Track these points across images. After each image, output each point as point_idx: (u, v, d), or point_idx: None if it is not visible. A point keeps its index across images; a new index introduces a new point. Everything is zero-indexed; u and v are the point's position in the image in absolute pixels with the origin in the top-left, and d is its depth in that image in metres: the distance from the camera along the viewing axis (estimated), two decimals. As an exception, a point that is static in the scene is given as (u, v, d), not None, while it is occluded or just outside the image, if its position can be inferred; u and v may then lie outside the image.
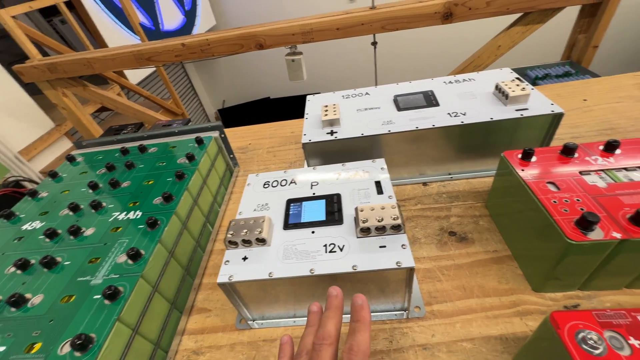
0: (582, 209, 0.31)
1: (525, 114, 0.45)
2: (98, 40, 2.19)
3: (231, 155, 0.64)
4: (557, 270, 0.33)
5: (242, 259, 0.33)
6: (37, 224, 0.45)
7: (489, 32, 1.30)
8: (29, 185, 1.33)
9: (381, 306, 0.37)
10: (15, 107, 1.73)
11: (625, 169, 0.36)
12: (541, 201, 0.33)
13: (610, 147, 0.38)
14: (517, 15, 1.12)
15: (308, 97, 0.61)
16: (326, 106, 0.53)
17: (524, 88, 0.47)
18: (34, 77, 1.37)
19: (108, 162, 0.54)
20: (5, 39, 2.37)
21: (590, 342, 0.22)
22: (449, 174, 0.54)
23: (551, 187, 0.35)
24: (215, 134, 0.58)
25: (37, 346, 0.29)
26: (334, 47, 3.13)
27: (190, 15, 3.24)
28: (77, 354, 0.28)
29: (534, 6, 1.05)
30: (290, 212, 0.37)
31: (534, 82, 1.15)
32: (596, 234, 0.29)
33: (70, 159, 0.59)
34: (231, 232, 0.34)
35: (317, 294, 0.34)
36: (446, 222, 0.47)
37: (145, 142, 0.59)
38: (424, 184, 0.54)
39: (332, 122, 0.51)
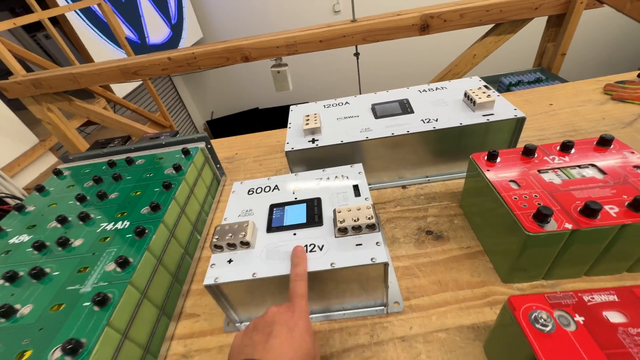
0: (538, 204, 0.35)
1: (491, 118, 0.49)
2: (83, 55, 2.19)
3: (218, 165, 0.65)
4: (520, 261, 0.36)
5: (228, 261, 0.34)
6: (25, 237, 0.45)
7: (465, 41, 1.36)
8: (11, 202, 1.31)
9: (363, 303, 0.39)
10: (-3, 123, 1.71)
11: (579, 166, 0.39)
12: (504, 198, 0.36)
13: (565, 148, 0.41)
14: (490, 26, 1.19)
15: (291, 108, 0.64)
16: (308, 115, 0.55)
17: (489, 95, 0.51)
18: (18, 93, 1.37)
19: (95, 174, 0.55)
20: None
21: (541, 320, 0.25)
22: (427, 177, 0.57)
23: (513, 185, 0.38)
24: (202, 144, 0.60)
25: (28, 354, 0.30)
26: (319, 57, 3.20)
27: (176, 29, 3.26)
28: (68, 358, 0.29)
29: (504, 18, 1.12)
30: (273, 216, 0.39)
31: (508, 88, 1.21)
32: (551, 226, 0.32)
33: (57, 172, 0.59)
34: (217, 237, 0.35)
35: (300, 293, 0.36)
36: (423, 222, 0.49)
37: (132, 155, 0.60)
38: (403, 186, 0.57)
39: (314, 131, 0.53)
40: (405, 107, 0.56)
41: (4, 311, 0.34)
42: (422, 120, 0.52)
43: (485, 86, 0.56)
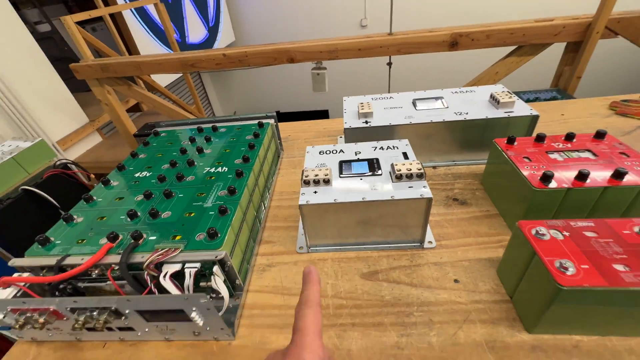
0: (545, 170, 0.47)
1: (511, 115, 0.61)
2: (132, 49, 2.41)
3: (279, 140, 0.79)
4: (528, 213, 0.48)
5: (314, 192, 0.48)
6: (146, 173, 0.60)
7: (488, 59, 1.50)
8: (74, 168, 1.48)
9: (403, 240, 0.51)
10: (57, 100, 1.91)
11: (577, 150, 0.51)
12: (518, 167, 0.49)
13: (569, 137, 0.54)
14: (513, 47, 1.32)
15: (344, 98, 0.78)
16: (362, 103, 0.69)
17: (511, 97, 0.64)
18: (87, 75, 1.55)
19: (190, 135, 0.70)
20: (46, 41, 2.59)
21: (540, 232, 0.37)
22: (454, 161, 0.69)
23: (525, 160, 0.51)
24: (272, 121, 0.75)
25: (178, 237, 0.44)
26: (348, 68, 3.38)
27: (212, 31, 3.50)
28: (209, 239, 0.42)
29: (526, 41, 1.25)
30: (343, 168, 0.52)
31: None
32: (552, 185, 0.45)
33: (155, 133, 0.74)
34: (306, 174, 0.49)
35: (358, 230, 0.49)
36: (451, 192, 0.62)
37: (215, 124, 0.75)
38: (434, 167, 0.69)
39: (367, 115, 0.67)
40: (441, 103, 0.69)
41: (153, 213, 0.47)
42: (455, 113, 0.65)
43: (507, 91, 0.69)
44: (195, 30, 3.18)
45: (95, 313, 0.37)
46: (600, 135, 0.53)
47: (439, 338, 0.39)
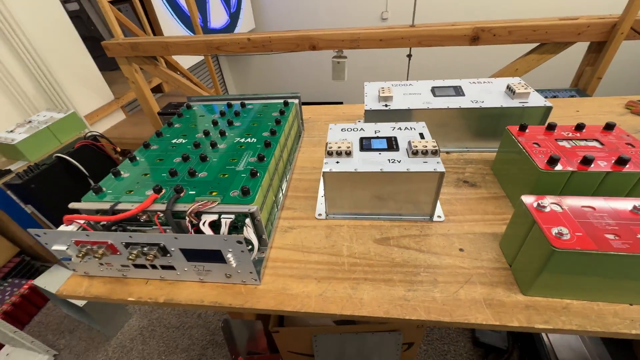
0: (552, 154, 0.50)
1: (526, 105, 0.65)
2: (156, 30, 2.48)
3: (301, 120, 0.84)
4: (530, 190, 0.52)
5: (336, 162, 0.53)
6: (182, 140, 0.65)
7: (508, 56, 1.50)
8: (103, 141, 1.56)
9: (414, 213, 0.56)
10: (86, 77, 2.00)
11: (585, 139, 0.55)
12: (527, 151, 0.53)
13: (578, 127, 0.57)
14: (535, 44, 1.33)
15: (365, 83, 0.82)
16: (383, 88, 0.73)
17: (526, 88, 0.67)
18: (117, 52, 1.63)
19: (221, 109, 0.75)
20: (74, 19, 2.68)
21: (542, 204, 0.41)
22: (466, 148, 0.73)
23: (535, 145, 0.54)
24: (296, 101, 0.79)
25: (215, 193, 0.49)
26: (365, 60, 3.38)
27: (234, 17, 3.55)
28: (242, 196, 0.48)
29: (549, 38, 1.26)
30: (364, 143, 0.57)
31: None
32: (558, 167, 0.48)
33: (188, 106, 0.80)
34: (330, 146, 0.54)
35: (373, 203, 0.53)
36: (462, 175, 0.66)
37: (244, 101, 0.80)
38: (447, 152, 0.73)
39: (386, 99, 0.71)
40: (458, 91, 0.72)
41: (191, 172, 0.53)
42: (472, 101, 0.68)
43: (524, 83, 0.71)
44: (217, 16, 3.23)
45: (146, 248, 0.43)
46: (609, 127, 0.56)
47: (442, 294, 0.44)
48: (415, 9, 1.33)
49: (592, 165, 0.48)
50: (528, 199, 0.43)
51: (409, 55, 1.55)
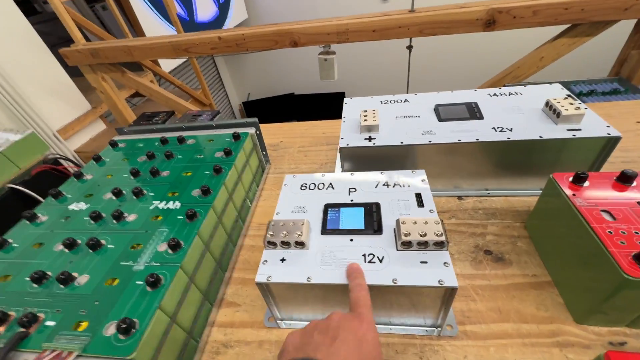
0: (641, 243, 0.30)
1: (578, 134, 0.43)
2: (136, 28, 2.27)
3: (264, 152, 0.64)
4: (606, 304, 0.32)
5: (280, 260, 0.33)
6: (83, 205, 0.47)
7: (528, 42, 1.24)
8: (64, 163, 1.40)
9: (412, 320, 0.36)
10: (56, 87, 1.83)
11: (691, 203, 0.33)
12: (595, 230, 0.32)
13: (673, 178, 0.35)
14: (565, 26, 1.07)
15: (345, 100, 0.61)
16: (365, 111, 0.52)
17: (578, 107, 0.45)
18: (77, 60, 1.44)
19: (149, 150, 0.56)
20: (51, 22, 2.51)
21: (652, 389, 0.21)
22: (486, 190, 0.52)
23: (606, 216, 0.33)
24: (252, 130, 0.59)
25: (84, 325, 0.31)
26: (365, 47, 3.10)
27: (223, 8, 3.30)
28: (121, 336, 0.29)
29: (585, 18, 1.00)
30: (328, 217, 0.37)
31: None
32: (657, 272, 0.28)
33: (113, 144, 0.61)
34: (271, 233, 0.34)
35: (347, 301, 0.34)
36: (482, 239, 0.45)
37: (183, 134, 0.60)
38: (459, 197, 0.52)
39: (371, 128, 0.50)
40: (473, 112, 0.51)
41: (64, 278, 0.35)
42: (494, 128, 0.47)
43: (570, 96, 0.49)
44: (205, 8, 2.99)
45: None
46: None
47: None
48: (414, -10, 1.09)
49: None
50: (614, 358, 0.23)
51: (410, 47, 1.31)
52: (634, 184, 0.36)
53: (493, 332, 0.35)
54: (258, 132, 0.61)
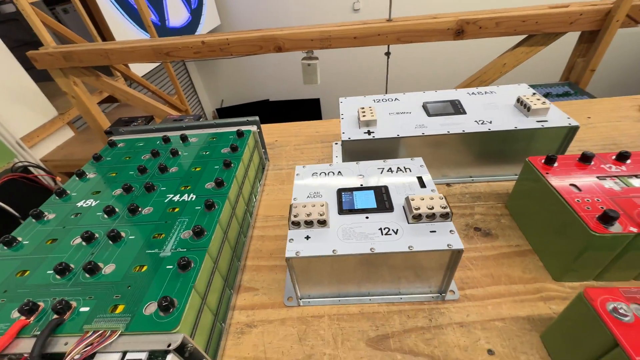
0: (602, 207, 0.36)
1: (546, 125, 0.51)
2: (105, 33, 2.19)
3: (264, 150, 0.67)
4: (577, 262, 0.38)
5: (305, 237, 0.36)
6: (92, 202, 0.47)
7: (492, 51, 1.38)
8: (34, 171, 1.32)
9: (419, 289, 0.40)
10: (19, 92, 1.72)
11: (636, 176, 0.41)
12: (566, 200, 0.38)
13: (622, 158, 0.43)
14: (523, 36, 1.20)
15: (341, 99, 0.65)
16: (363, 108, 0.57)
17: (544, 102, 0.53)
18: (48, 64, 1.37)
19: (153, 148, 0.57)
20: (11, 23, 2.35)
21: (621, 311, 0.27)
22: (471, 177, 0.59)
23: (573, 189, 0.40)
24: (254, 128, 0.62)
25: (121, 307, 0.32)
26: (339, 55, 3.20)
27: (195, 14, 3.26)
28: (162, 314, 0.31)
29: (539, 29, 1.14)
30: (343, 200, 0.40)
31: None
32: (616, 228, 0.34)
33: (112, 143, 0.61)
34: (294, 214, 0.37)
35: (361, 275, 0.38)
36: (471, 219, 0.51)
37: (185, 132, 0.61)
38: (448, 184, 0.59)
39: (369, 123, 0.55)
40: (457, 108, 0.57)
41: (90, 268, 0.35)
42: (476, 121, 0.53)
43: (536, 94, 0.57)
44: (176, 13, 2.94)
45: None
46: (661, 155, 0.43)
47: None
48: (391, 1, 1.17)
49: (663, 223, 0.34)
50: (595, 298, 0.28)
51: (387, 53, 1.40)
52: (592, 163, 0.44)
53: (489, 293, 0.41)
54: (259, 130, 0.63)
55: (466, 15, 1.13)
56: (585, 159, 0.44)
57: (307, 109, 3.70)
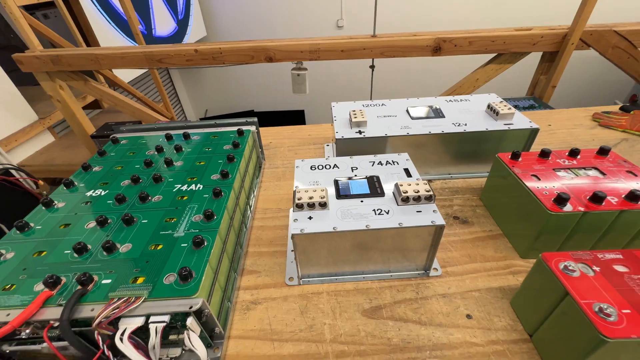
0: (557, 192, 0.43)
1: (511, 127, 0.58)
2: (90, 39, 2.19)
3: (261, 150, 0.71)
4: (538, 241, 0.45)
5: (308, 218, 0.41)
6: (101, 192, 0.49)
7: (468, 66, 1.50)
8: (15, 174, 1.29)
9: (406, 268, 0.46)
10: (-2, 95, 1.67)
11: (584, 168, 0.49)
12: (528, 187, 0.45)
13: (573, 154, 0.51)
14: (493, 54, 1.33)
15: (333, 104, 0.71)
16: (354, 111, 0.63)
17: (510, 108, 0.61)
18: (34, 67, 1.37)
19: (157, 144, 0.60)
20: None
21: (570, 268, 0.33)
22: (449, 174, 0.65)
23: (534, 178, 0.47)
24: (253, 128, 0.66)
25: (141, 279, 0.35)
26: (324, 69, 3.32)
27: (182, 24, 3.30)
28: (181, 282, 0.34)
29: (506, 49, 1.26)
30: (340, 187, 0.46)
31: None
32: (567, 208, 0.41)
33: (115, 140, 0.63)
34: (299, 197, 0.42)
35: (356, 257, 0.43)
36: (450, 209, 0.58)
37: (187, 131, 0.65)
38: (429, 180, 0.65)
39: (360, 124, 0.61)
40: (437, 112, 0.65)
41: (109, 247, 0.38)
42: (454, 124, 0.61)
43: (503, 101, 0.66)
44: (163, 23, 2.97)
45: (22, 395, 0.28)
46: (603, 151, 0.51)
47: (458, 391, 0.34)
48: (375, 19, 1.27)
49: (604, 204, 0.41)
50: (551, 259, 0.35)
51: (372, 66, 1.49)
52: (550, 158, 0.51)
53: (466, 270, 0.46)
54: (257, 130, 0.68)
55: (443, 34, 1.24)
56: (544, 154, 0.51)
57: (292, 120, 3.77)
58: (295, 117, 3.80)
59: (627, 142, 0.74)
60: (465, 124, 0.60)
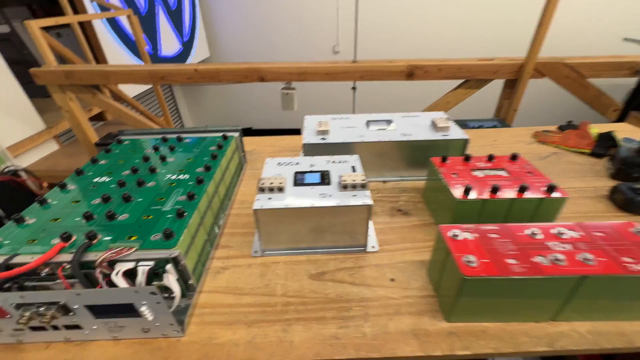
0: (467, 185, 0.55)
1: (446, 137, 0.71)
2: (99, 58, 2.36)
3: (243, 153, 0.84)
4: (454, 221, 0.56)
5: (268, 198, 0.52)
6: (106, 179, 0.61)
7: (441, 90, 1.66)
8: (24, 176, 1.40)
9: (350, 245, 0.56)
10: (12, 105, 1.82)
11: (495, 169, 0.61)
12: (447, 182, 0.57)
13: (489, 158, 0.64)
14: (461, 80, 1.49)
15: (305, 117, 0.84)
16: (320, 122, 0.76)
17: (447, 122, 0.74)
18: (48, 80, 1.51)
19: (154, 144, 0.72)
20: (4, 42, 2.48)
21: (456, 234, 0.44)
22: (401, 177, 0.77)
23: (454, 176, 0.59)
24: (236, 134, 0.79)
25: (134, 237, 0.46)
26: (319, 88, 3.52)
27: (187, 45, 3.52)
28: (165, 240, 0.45)
29: (472, 76, 1.42)
30: (297, 178, 0.57)
31: (471, 131, 1.49)
32: (472, 196, 0.53)
33: (119, 141, 0.76)
34: (262, 182, 0.53)
35: (310, 237, 0.54)
36: (396, 204, 0.69)
37: (180, 135, 0.77)
38: (384, 182, 0.77)
39: (324, 132, 0.74)
40: (390, 125, 0.78)
41: (110, 215, 0.49)
42: (402, 134, 0.73)
43: (447, 117, 0.79)
44: (169, 44, 3.18)
45: (42, 309, 0.38)
46: (514, 157, 0.63)
47: (372, 329, 0.44)
48: (356, 47, 1.44)
49: (500, 194, 0.53)
50: (444, 229, 0.46)
51: (354, 88, 1.65)
52: (471, 161, 0.64)
53: (399, 248, 0.57)
54: (240, 137, 0.80)
55: (415, 62, 1.40)
56: (467, 158, 0.64)
57: (282, 136, 3.93)
58: (293, 135, 3.95)
59: (556, 155, 0.87)
60: (411, 134, 0.73)
